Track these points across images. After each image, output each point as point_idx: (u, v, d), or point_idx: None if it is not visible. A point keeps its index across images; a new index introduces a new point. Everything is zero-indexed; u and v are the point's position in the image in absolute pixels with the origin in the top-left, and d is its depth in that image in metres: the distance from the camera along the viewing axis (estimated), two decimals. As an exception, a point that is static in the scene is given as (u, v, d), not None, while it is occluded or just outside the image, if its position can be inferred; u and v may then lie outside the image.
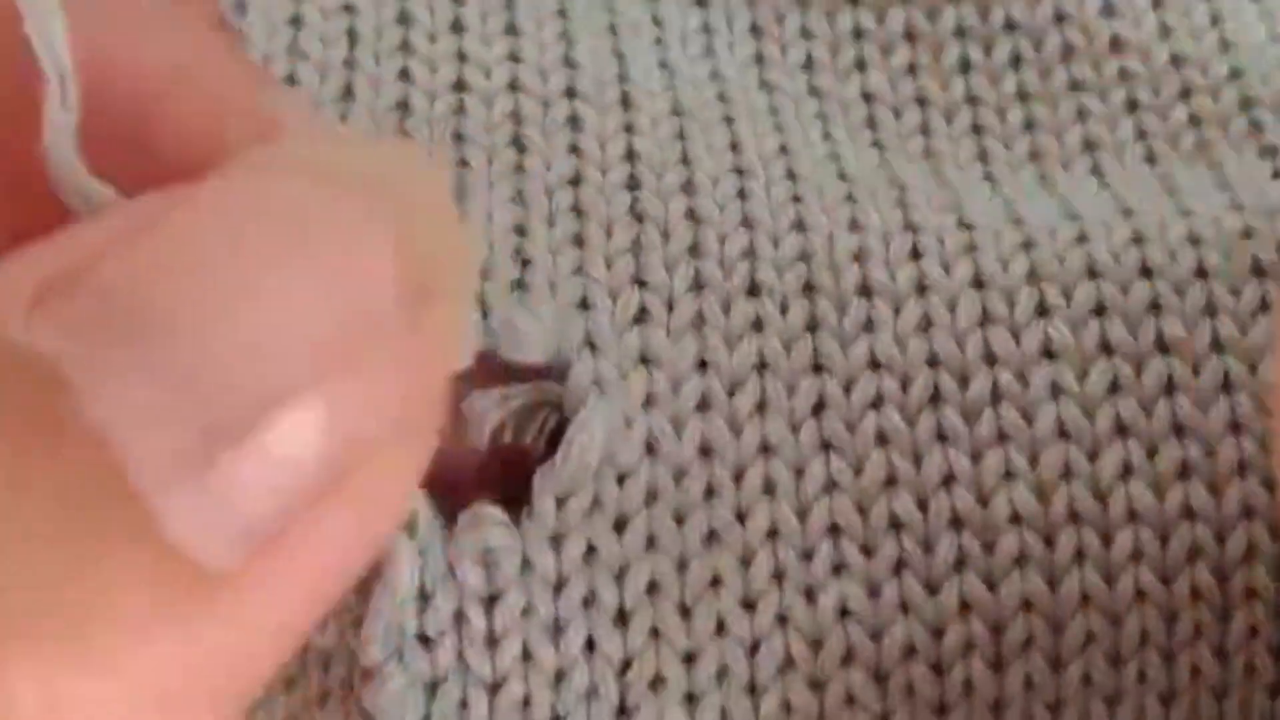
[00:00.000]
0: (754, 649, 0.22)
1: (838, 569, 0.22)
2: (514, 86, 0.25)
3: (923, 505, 0.23)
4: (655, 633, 0.22)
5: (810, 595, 0.22)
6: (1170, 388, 0.23)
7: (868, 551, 0.22)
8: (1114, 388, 0.23)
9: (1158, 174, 0.26)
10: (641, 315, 0.23)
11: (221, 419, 0.15)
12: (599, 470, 0.22)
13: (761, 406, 0.23)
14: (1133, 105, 0.27)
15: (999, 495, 0.22)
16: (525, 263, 0.23)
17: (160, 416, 0.14)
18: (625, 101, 0.25)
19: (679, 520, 0.23)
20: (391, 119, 0.25)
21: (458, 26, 0.26)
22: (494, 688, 0.22)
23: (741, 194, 0.25)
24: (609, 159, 0.25)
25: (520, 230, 0.24)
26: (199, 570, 0.15)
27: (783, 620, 0.22)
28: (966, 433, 0.23)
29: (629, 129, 0.25)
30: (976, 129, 0.26)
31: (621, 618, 0.23)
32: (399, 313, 0.16)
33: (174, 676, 0.15)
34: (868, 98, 0.27)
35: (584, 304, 0.23)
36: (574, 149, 0.25)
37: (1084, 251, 0.24)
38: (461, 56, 0.26)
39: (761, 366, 0.23)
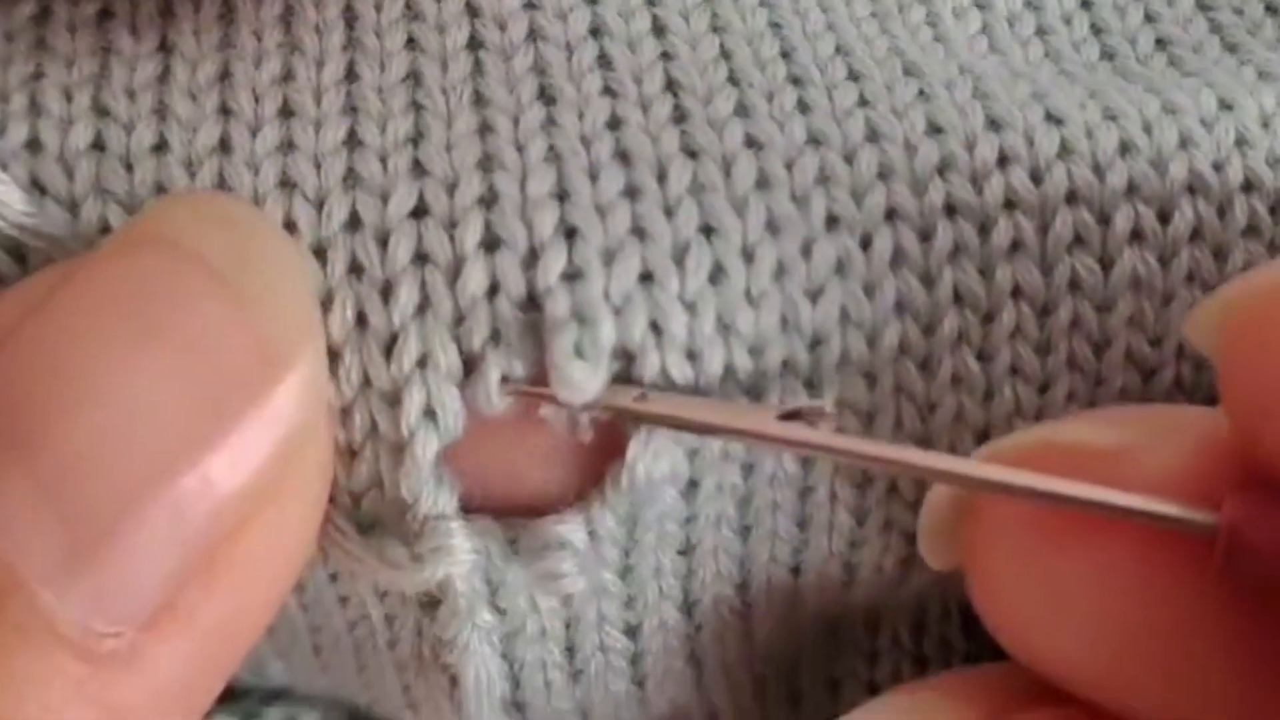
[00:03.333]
0: None
1: None
2: (533, 36, 0.22)
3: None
4: None
5: None
6: None
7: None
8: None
9: (1239, 59, 0.24)
10: (716, 274, 0.21)
11: (90, 512, 0.16)
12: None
13: (844, 361, 0.21)
14: (1203, 5, 0.25)
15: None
16: (571, 233, 0.20)
17: (38, 514, 0.16)
18: (657, 28, 0.23)
19: (746, 470, 0.22)
20: (403, 94, 0.22)
21: None
22: (569, 622, 0.23)
23: (803, 107, 0.22)
24: (648, 94, 0.22)
25: (561, 194, 0.21)
26: (96, 652, 0.16)
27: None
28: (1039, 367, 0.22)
29: (666, 57, 0.22)
30: (1040, 32, 0.24)
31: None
32: (255, 380, 0.17)
33: None
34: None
35: (646, 276, 0.20)
36: (607, 90, 0.22)
37: (1186, 160, 0.22)
38: (473, 11, 0.23)
39: (844, 319, 0.21)
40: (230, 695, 0.27)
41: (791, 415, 0.20)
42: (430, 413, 0.20)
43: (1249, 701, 0.18)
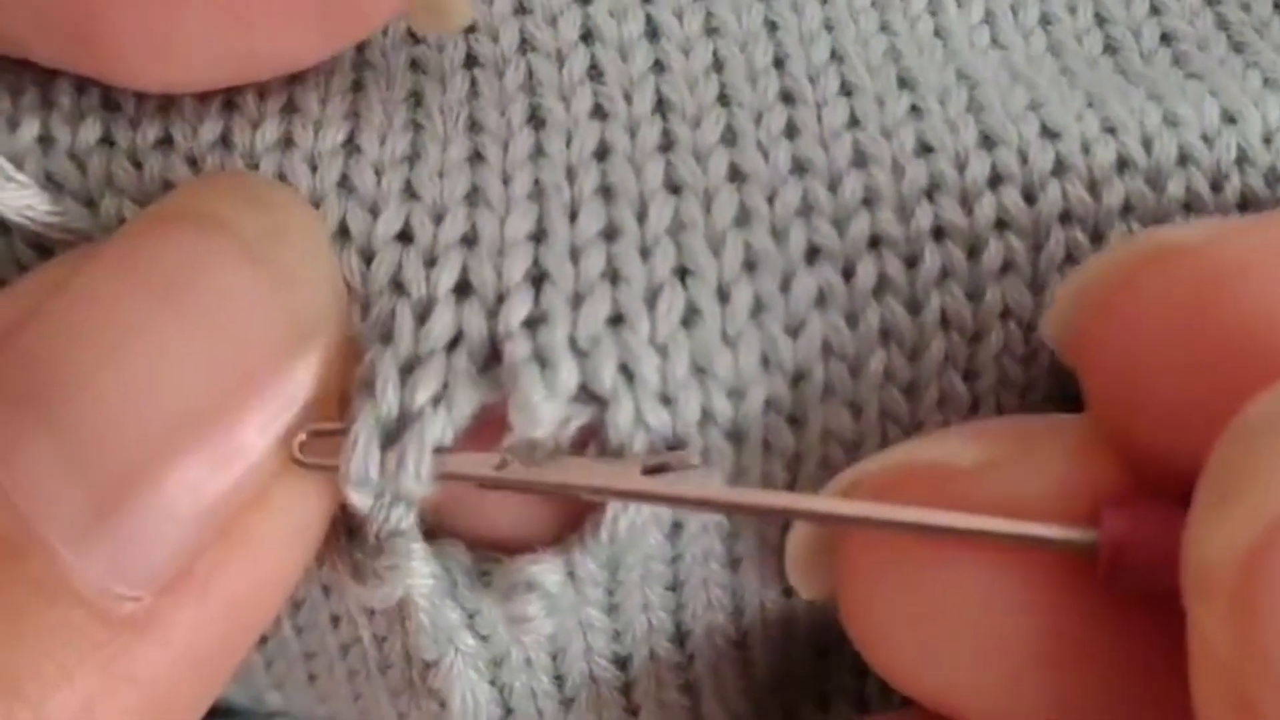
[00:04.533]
0: None
1: None
2: (525, 46, 0.22)
3: None
4: None
5: None
6: None
7: None
8: None
9: (1245, 60, 0.23)
10: (690, 316, 0.20)
11: (112, 474, 0.16)
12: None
13: (826, 393, 0.21)
14: None
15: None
16: (540, 279, 0.20)
17: (60, 475, 0.16)
18: (650, 31, 0.22)
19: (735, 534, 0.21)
20: (404, 112, 0.21)
21: None
22: (554, 654, 0.22)
23: (790, 130, 0.21)
24: (637, 116, 0.21)
25: (538, 235, 0.20)
26: (113, 615, 0.16)
27: None
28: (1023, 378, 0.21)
29: (658, 68, 0.22)
30: (1044, 22, 0.23)
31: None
32: (282, 350, 0.17)
33: (94, 715, 0.16)
34: None
35: (615, 319, 0.20)
36: (597, 110, 0.21)
37: (1184, 178, 0.21)
38: (468, 28, 0.22)
39: (827, 351, 0.21)
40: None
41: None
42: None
43: (1135, 716, 0.18)
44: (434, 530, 0.21)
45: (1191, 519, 0.16)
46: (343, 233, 0.20)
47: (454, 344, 0.20)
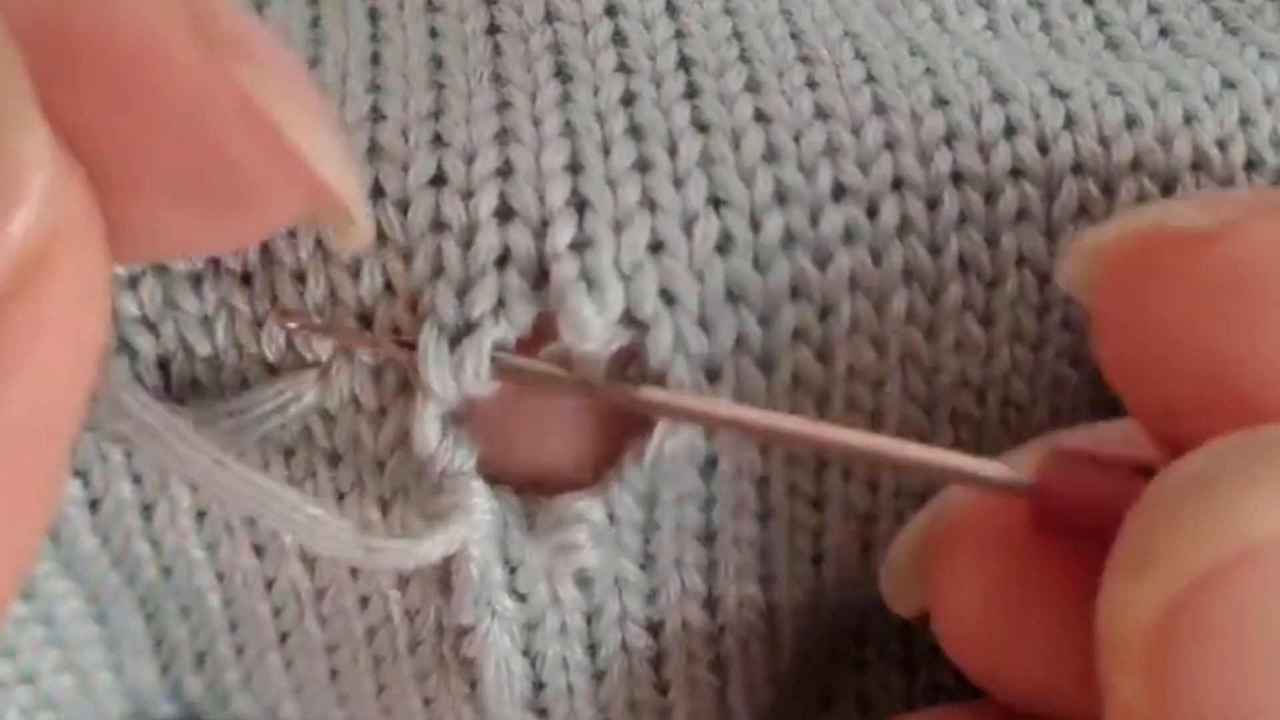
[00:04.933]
0: None
1: None
2: (550, 17, 0.23)
3: None
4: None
5: None
6: None
7: None
8: None
9: (1240, 41, 0.24)
10: (724, 243, 0.21)
11: None
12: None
13: (854, 328, 0.21)
14: None
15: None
16: (582, 206, 0.21)
17: None
18: (671, 8, 0.23)
19: (763, 451, 0.21)
20: (425, 75, 0.22)
21: None
22: (590, 615, 0.22)
23: (811, 83, 0.22)
24: (661, 70, 0.22)
25: (574, 167, 0.21)
26: None
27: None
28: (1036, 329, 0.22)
29: (679, 35, 0.22)
30: (1045, 27, 0.25)
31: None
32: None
33: None
34: None
35: (655, 245, 0.21)
36: (622, 67, 0.22)
37: (1190, 136, 0.22)
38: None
39: (854, 285, 0.21)
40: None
41: None
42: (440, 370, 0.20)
43: None
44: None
45: (1105, 586, 0.16)
46: (377, 191, 0.21)
47: (502, 262, 0.20)
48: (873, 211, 0.21)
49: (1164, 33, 0.24)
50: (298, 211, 0.18)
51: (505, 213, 0.21)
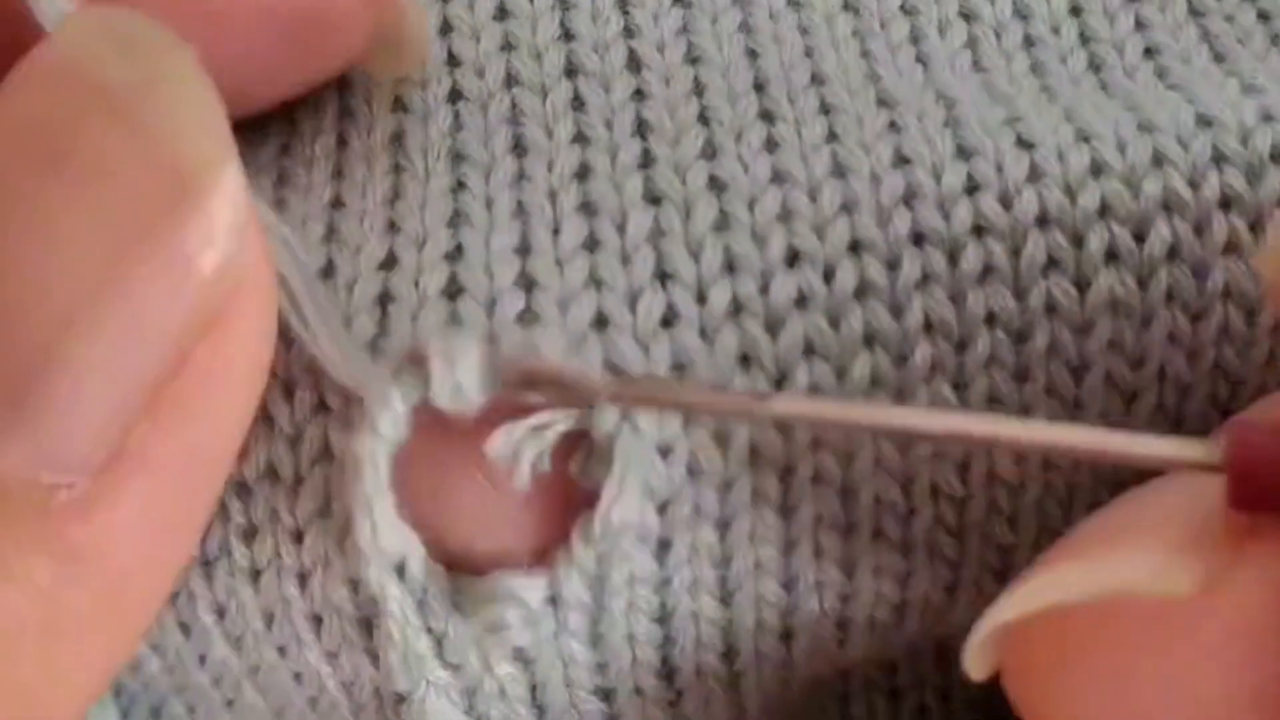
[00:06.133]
0: None
1: None
2: (510, 81, 0.22)
3: None
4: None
5: None
6: None
7: None
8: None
9: (1225, 70, 0.23)
10: (669, 317, 0.20)
11: (17, 359, 0.15)
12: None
13: (814, 391, 0.20)
14: (1195, 11, 0.24)
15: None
16: (530, 287, 0.20)
17: None
18: (633, 63, 0.22)
19: (722, 529, 0.20)
20: (385, 157, 0.22)
21: (445, 29, 0.23)
22: (533, 686, 0.22)
23: (770, 144, 0.22)
24: (618, 138, 0.22)
25: (523, 249, 0.21)
26: (50, 504, 0.15)
27: None
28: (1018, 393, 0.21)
29: (639, 95, 0.22)
30: (1028, 43, 0.24)
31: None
32: (170, 205, 0.16)
33: (54, 606, 0.15)
34: (908, 11, 0.24)
35: (599, 321, 0.20)
36: (579, 137, 0.22)
37: (1160, 178, 0.21)
38: (453, 61, 0.23)
39: (809, 351, 0.20)
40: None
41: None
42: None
43: None
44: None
45: None
46: (328, 271, 0.21)
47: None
48: (829, 276, 0.20)
49: (1149, 52, 0.24)
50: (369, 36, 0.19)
51: (455, 291, 0.20)
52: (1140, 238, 0.21)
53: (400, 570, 0.20)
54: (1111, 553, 0.18)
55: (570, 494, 0.20)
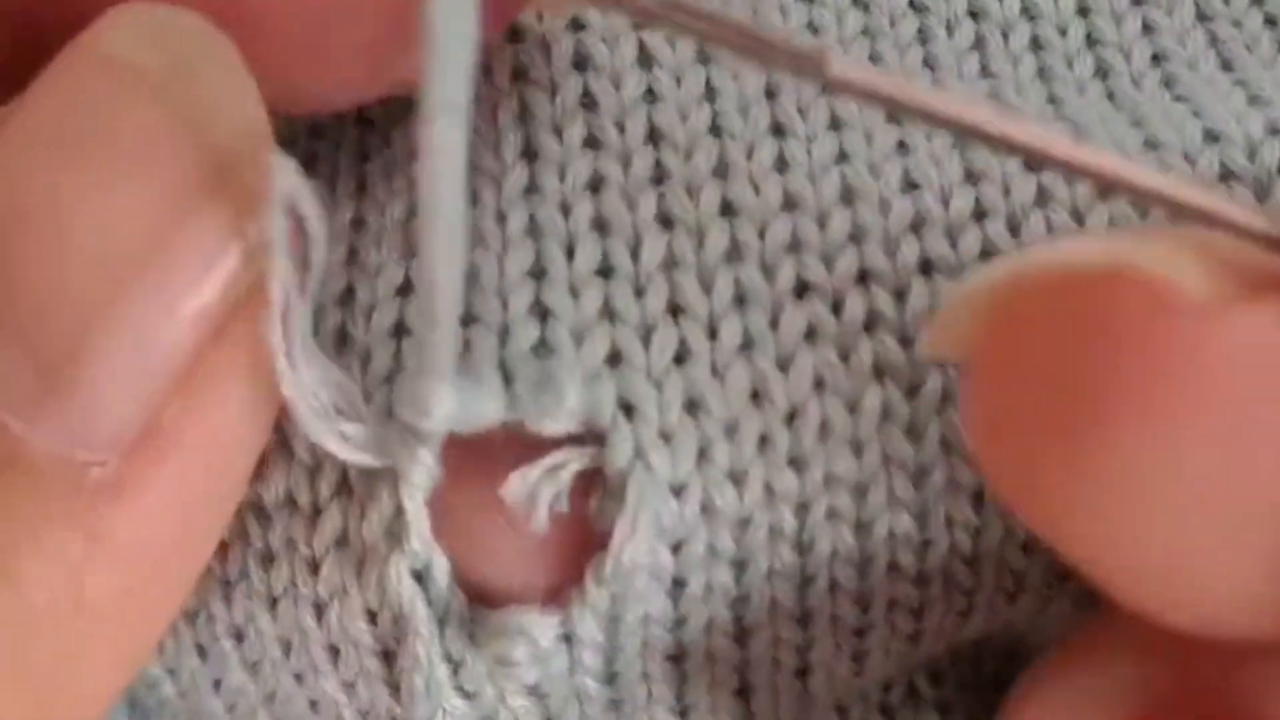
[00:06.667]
0: None
1: None
2: (518, 75, 0.22)
3: None
4: None
5: None
6: None
7: None
8: None
9: (1232, 79, 0.23)
10: (681, 354, 0.20)
11: (54, 337, 0.15)
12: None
13: (825, 432, 0.20)
14: (1203, 16, 0.24)
15: None
16: (545, 316, 0.20)
17: (2, 350, 0.15)
18: (644, 59, 0.22)
19: (738, 568, 0.20)
20: (403, 174, 0.22)
21: None
22: (547, 717, 0.21)
23: (780, 163, 0.21)
24: (630, 143, 0.21)
25: (537, 273, 0.20)
26: (82, 483, 0.16)
27: None
28: None
29: (650, 96, 0.22)
30: (1035, 45, 0.23)
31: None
32: (205, 188, 0.16)
33: (82, 584, 0.16)
34: (918, 9, 0.23)
35: (614, 357, 0.20)
36: (589, 140, 0.21)
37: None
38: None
39: (819, 386, 0.20)
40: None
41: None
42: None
43: None
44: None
45: None
46: (348, 293, 0.21)
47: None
48: (837, 308, 0.20)
49: (1156, 59, 0.23)
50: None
51: (468, 320, 0.20)
52: None
53: (425, 587, 0.20)
54: (1135, 239, 0.17)
55: (587, 533, 0.20)
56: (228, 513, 0.18)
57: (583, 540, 0.20)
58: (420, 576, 0.20)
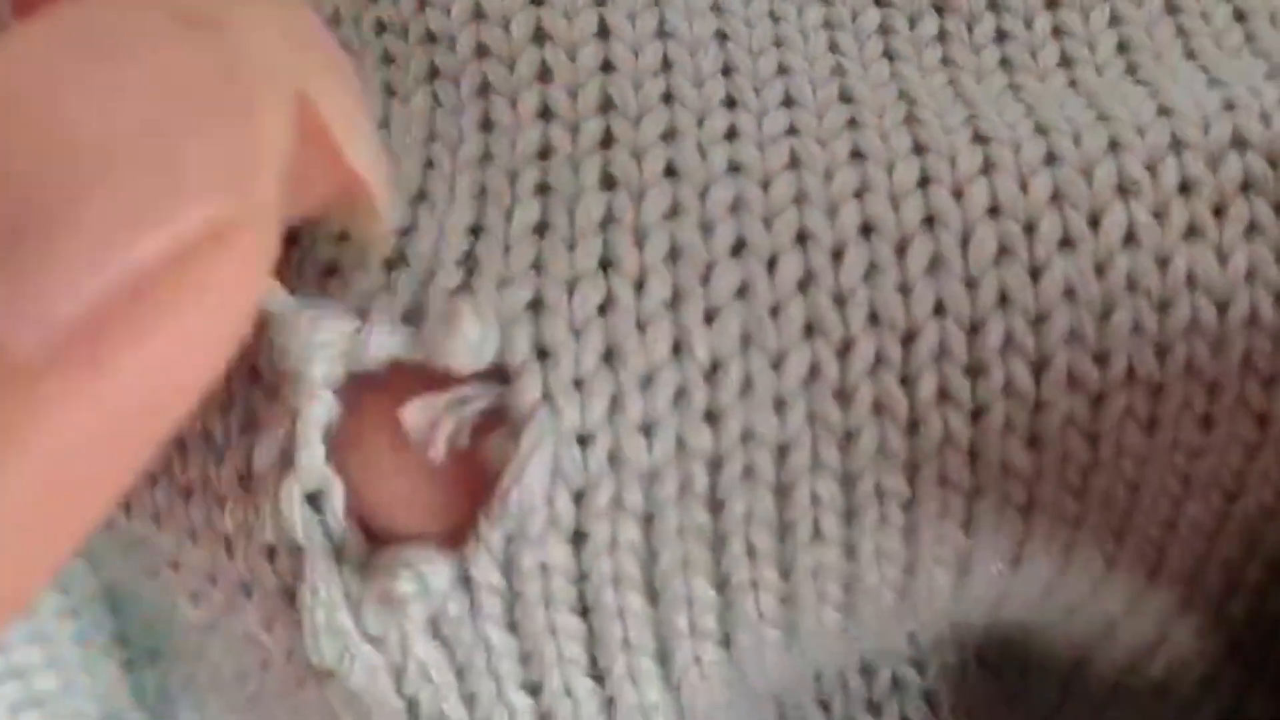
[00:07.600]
0: None
1: None
2: (481, 51, 0.22)
3: None
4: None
5: None
6: None
7: None
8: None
9: (1195, 66, 0.22)
10: (606, 305, 0.20)
11: (32, 203, 0.15)
12: (551, 485, 0.20)
13: (746, 388, 0.20)
14: (1172, 8, 0.23)
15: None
16: (473, 266, 0.20)
17: None
18: (602, 29, 0.22)
19: (646, 523, 0.20)
20: (418, 156, 0.22)
21: (422, 4, 0.23)
22: (458, 670, 0.21)
23: (731, 132, 0.21)
24: (581, 112, 0.21)
25: (475, 230, 0.20)
26: (15, 364, 0.15)
27: None
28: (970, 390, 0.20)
29: (605, 67, 0.22)
30: (1000, 37, 0.23)
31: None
32: (211, 110, 0.16)
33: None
34: (880, 2, 0.23)
35: (535, 304, 0.20)
36: (543, 112, 0.21)
37: (1114, 164, 0.20)
38: (430, 38, 0.22)
39: (746, 343, 0.20)
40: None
41: None
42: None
43: None
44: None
45: None
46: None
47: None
48: (771, 266, 0.20)
49: (1121, 47, 0.23)
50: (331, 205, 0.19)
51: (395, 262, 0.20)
52: (1095, 223, 0.20)
53: (321, 519, 0.20)
54: None
55: (492, 479, 0.20)
56: (156, 442, 0.17)
57: (485, 482, 0.20)
58: (315, 501, 0.20)
